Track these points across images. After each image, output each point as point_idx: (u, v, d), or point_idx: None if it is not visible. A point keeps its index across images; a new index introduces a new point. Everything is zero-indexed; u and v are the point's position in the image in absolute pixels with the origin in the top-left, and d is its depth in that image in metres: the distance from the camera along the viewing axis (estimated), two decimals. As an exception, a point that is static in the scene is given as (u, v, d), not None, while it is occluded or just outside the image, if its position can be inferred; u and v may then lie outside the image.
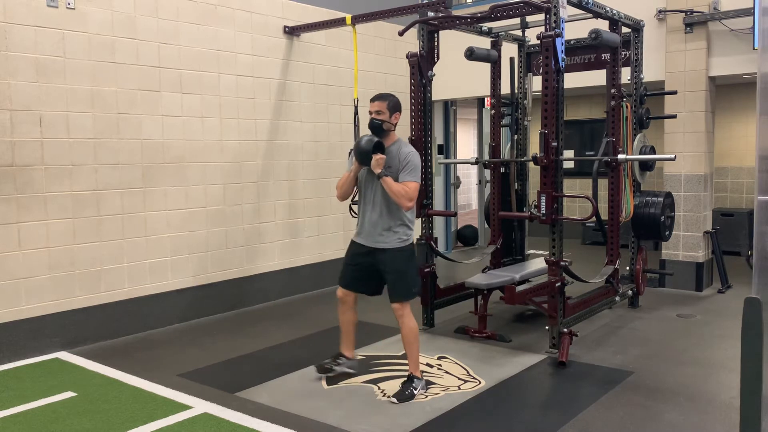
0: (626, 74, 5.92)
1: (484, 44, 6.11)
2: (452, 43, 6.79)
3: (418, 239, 5.42)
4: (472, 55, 5.70)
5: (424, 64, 5.27)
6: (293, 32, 6.68)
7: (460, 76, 7.80)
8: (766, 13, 2.72)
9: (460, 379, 4.30)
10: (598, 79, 6.26)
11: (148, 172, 5.52)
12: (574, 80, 6.27)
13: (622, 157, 5.45)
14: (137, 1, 5.39)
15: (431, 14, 5.32)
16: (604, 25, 5.47)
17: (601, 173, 5.64)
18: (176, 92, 5.70)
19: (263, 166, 6.48)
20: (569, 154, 9.59)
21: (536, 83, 5.40)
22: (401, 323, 4.03)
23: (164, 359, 4.81)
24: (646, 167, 5.97)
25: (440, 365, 4.57)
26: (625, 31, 5.75)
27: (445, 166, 9.47)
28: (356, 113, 5.94)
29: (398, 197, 3.87)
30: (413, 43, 5.96)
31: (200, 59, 5.87)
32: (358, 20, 6.23)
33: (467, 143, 12.62)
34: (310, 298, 6.70)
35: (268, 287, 6.56)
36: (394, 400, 3.89)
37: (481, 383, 4.21)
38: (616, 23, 5.43)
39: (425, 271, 5.35)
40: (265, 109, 6.48)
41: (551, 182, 4.56)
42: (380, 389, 4.12)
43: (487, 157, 6.46)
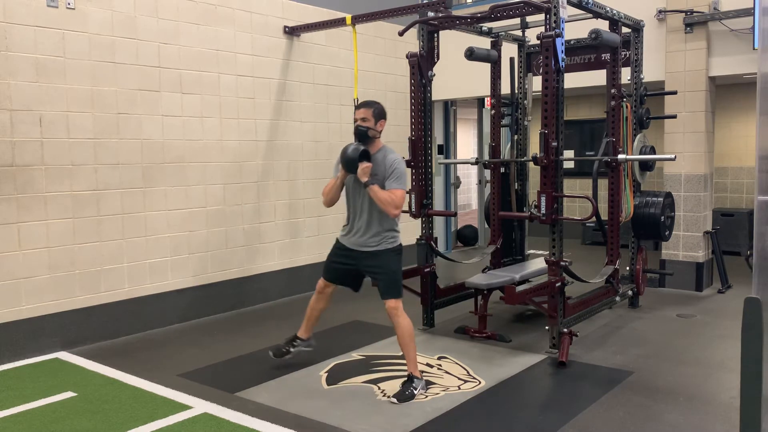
0: (626, 74, 5.92)
1: (484, 44, 6.11)
2: (452, 43, 6.79)
3: (418, 239, 5.43)
4: (472, 55, 5.70)
5: (424, 64, 5.27)
6: (293, 32, 6.68)
7: (460, 76, 7.80)
8: (766, 13, 2.72)
9: (460, 379, 4.30)
10: (598, 79, 6.26)
11: (148, 172, 5.52)
12: (574, 80, 6.27)
13: (622, 157, 5.45)
14: (137, 1, 5.39)
15: (431, 14, 5.32)
16: (604, 25, 5.47)
17: (601, 173, 5.64)
18: (176, 92, 5.70)
19: (263, 166, 6.48)
20: (569, 154, 9.60)
21: (536, 83, 5.40)
22: (396, 323, 4.06)
23: (164, 359, 4.81)
24: (646, 167, 5.97)
25: (440, 365, 4.57)
26: (625, 31, 5.75)
27: (445, 166, 9.47)
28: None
29: (385, 205, 3.93)
30: (413, 43, 5.96)
31: (200, 59, 5.87)
32: (358, 20, 6.23)
33: (467, 143, 12.61)
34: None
35: (268, 287, 6.56)
36: (394, 400, 3.89)
37: (481, 383, 4.21)
38: (616, 23, 5.43)
39: (425, 271, 5.36)
40: (265, 109, 6.49)
41: (551, 182, 4.56)
42: (380, 389, 4.12)
43: (487, 157, 6.46)
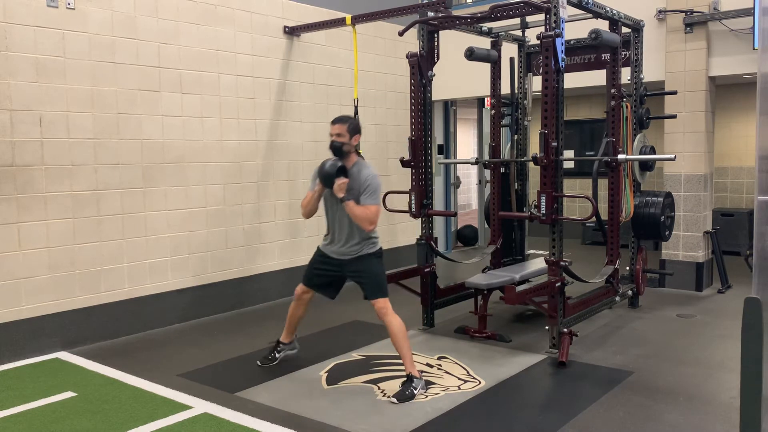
0: (626, 74, 5.92)
1: (484, 44, 6.11)
2: (452, 43, 6.79)
3: (417, 239, 5.43)
4: (472, 55, 5.70)
5: (424, 64, 5.27)
6: (293, 32, 6.68)
7: (460, 76, 7.80)
8: (766, 13, 2.73)
9: (460, 379, 4.30)
10: (598, 79, 6.26)
11: (148, 172, 5.52)
12: (574, 80, 6.27)
13: (622, 157, 5.45)
14: (137, 1, 5.39)
15: (431, 14, 5.32)
16: (604, 25, 5.47)
17: (601, 173, 5.64)
18: (176, 92, 5.70)
19: (263, 166, 6.48)
20: (569, 154, 9.59)
21: (536, 83, 5.40)
22: (387, 322, 4.10)
23: (164, 359, 4.81)
24: (646, 167, 5.97)
25: (440, 365, 4.57)
26: (625, 31, 5.75)
27: (445, 166, 9.47)
28: (356, 113, 5.94)
29: (359, 221, 4.04)
30: (413, 43, 5.96)
31: (200, 59, 5.87)
32: (358, 20, 6.23)
33: (467, 143, 12.61)
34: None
35: (268, 287, 6.55)
36: (394, 400, 3.89)
37: (481, 383, 4.21)
38: (616, 23, 5.43)
39: (425, 271, 5.36)
40: (265, 109, 6.48)
41: (551, 182, 4.56)
42: (380, 389, 4.12)
43: (487, 157, 6.46)
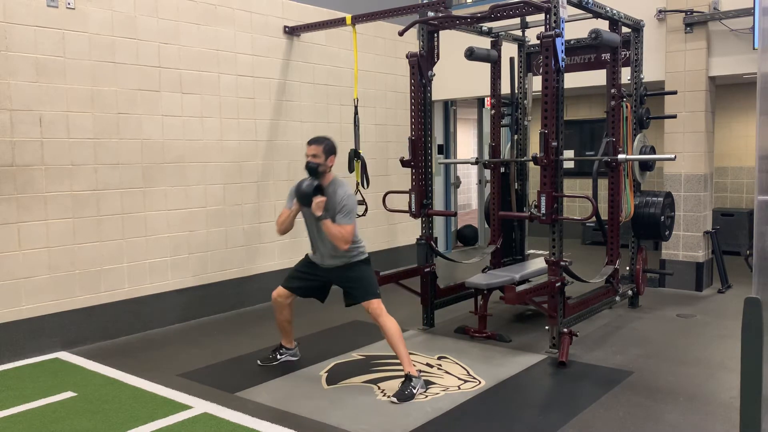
0: (626, 74, 5.92)
1: (484, 44, 6.11)
2: (452, 43, 6.79)
3: (417, 239, 5.43)
4: (472, 55, 5.70)
5: (424, 64, 5.27)
6: (293, 32, 6.68)
7: (460, 76, 7.80)
8: (766, 13, 2.73)
9: (460, 379, 4.30)
10: (598, 79, 6.26)
11: (148, 172, 5.52)
12: (574, 80, 6.27)
13: (622, 157, 5.45)
14: (137, 1, 5.39)
15: (431, 14, 5.32)
16: (604, 25, 5.47)
17: (601, 173, 5.64)
18: (176, 92, 5.70)
19: (263, 166, 6.48)
20: (569, 154, 9.60)
21: (536, 83, 5.40)
22: (382, 323, 4.12)
23: (164, 359, 4.81)
24: (646, 167, 5.97)
25: (440, 365, 4.57)
26: (625, 31, 5.75)
27: (445, 166, 9.47)
28: (356, 113, 5.95)
29: (335, 240, 4.09)
30: (413, 43, 5.96)
31: (200, 59, 5.87)
32: (358, 20, 6.23)
33: (467, 143, 12.61)
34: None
35: (268, 287, 6.49)
36: (394, 399, 3.89)
37: (481, 383, 4.21)
38: (616, 23, 5.43)
39: (425, 271, 5.36)
40: (265, 109, 6.48)
41: (551, 182, 4.56)
42: (380, 389, 4.13)
43: (487, 157, 6.46)
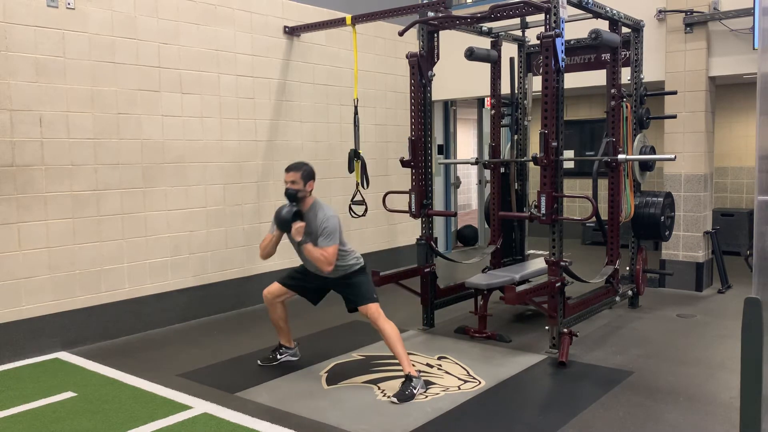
0: (626, 74, 5.92)
1: (484, 44, 6.11)
2: (452, 43, 6.79)
3: (417, 239, 5.43)
4: (472, 55, 5.70)
5: (424, 64, 5.27)
6: (293, 32, 6.68)
7: (460, 76, 7.80)
8: (766, 13, 2.73)
9: (460, 379, 4.30)
10: (598, 79, 6.26)
11: (148, 172, 5.52)
12: (574, 80, 6.27)
13: (622, 157, 5.44)
14: (137, 1, 5.39)
15: (431, 14, 5.32)
16: (604, 25, 5.47)
17: (601, 173, 5.64)
18: (176, 92, 5.70)
19: (263, 166, 6.48)
20: (569, 154, 9.60)
21: (536, 83, 5.40)
22: (380, 327, 4.14)
23: (164, 359, 4.81)
24: (646, 167, 5.97)
25: (440, 365, 4.57)
26: (625, 31, 5.74)
27: (445, 166, 9.47)
28: (356, 113, 5.95)
29: (317, 263, 4.13)
30: (413, 43, 5.95)
31: (200, 59, 5.87)
32: (358, 20, 6.23)
33: (467, 143, 12.61)
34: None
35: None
36: (394, 399, 3.89)
37: (481, 383, 4.21)
38: (616, 23, 5.43)
39: (425, 271, 5.36)
40: (265, 109, 6.48)
41: (551, 182, 4.56)
42: (380, 389, 4.13)
43: (487, 157, 6.46)
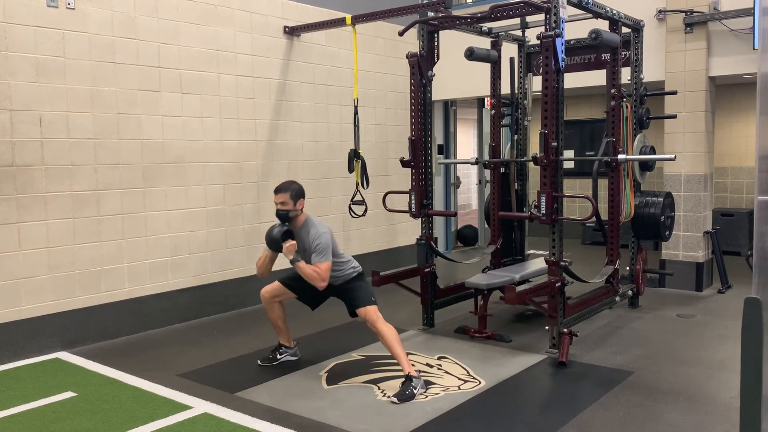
0: (626, 74, 5.92)
1: (484, 44, 6.11)
2: (452, 43, 6.79)
3: (417, 239, 5.43)
4: (472, 55, 5.70)
5: (424, 64, 5.27)
6: (293, 32, 6.68)
7: (460, 76, 7.80)
8: (766, 13, 2.73)
9: (460, 379, 4.30)
10: (598, 79, 6.26)
11: (148, 172, 5.52)
12: (574, 80, 6.27)
13: (622, 157, 5.44)
14: (137, 1, 5.39)
15: (431, 14, 5.32)
16: (604, 25, 5.47)
17: (601, 173, 5.64)
18: (176, 92, 5.70)
19: (263, 166, 6.48)
20: (569, 154, 9.59)
21: (536, 83, 5.40)
22: (378, 329, 4.14)
23: (164, 359, 4.81)
24: (646, 167, 5.97)
25: (440, 365, 4.57)
26: (625, 31, 5.74)
27: (445, 166, 9.46)
28: (356, 113, 5.95)
29: (311, 280, 4.19)
30: (413, 43, 5.96)
31: (200, 59, 5.87)
32: (358, 20, 6.23)
33: (467, 143, 12.61)
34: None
35: (268, 287, 6.54)
36: (394, 399, 3.89)
37: (481, 383, 4.21)
38: (616, 23, 5.43)
39: (425, 271, 5.36)
40: (265, 109, 6.48)
41: (551, 182, 4.56)
42: (380, 389, 4.12)
43: (487, 157, 6.45)
